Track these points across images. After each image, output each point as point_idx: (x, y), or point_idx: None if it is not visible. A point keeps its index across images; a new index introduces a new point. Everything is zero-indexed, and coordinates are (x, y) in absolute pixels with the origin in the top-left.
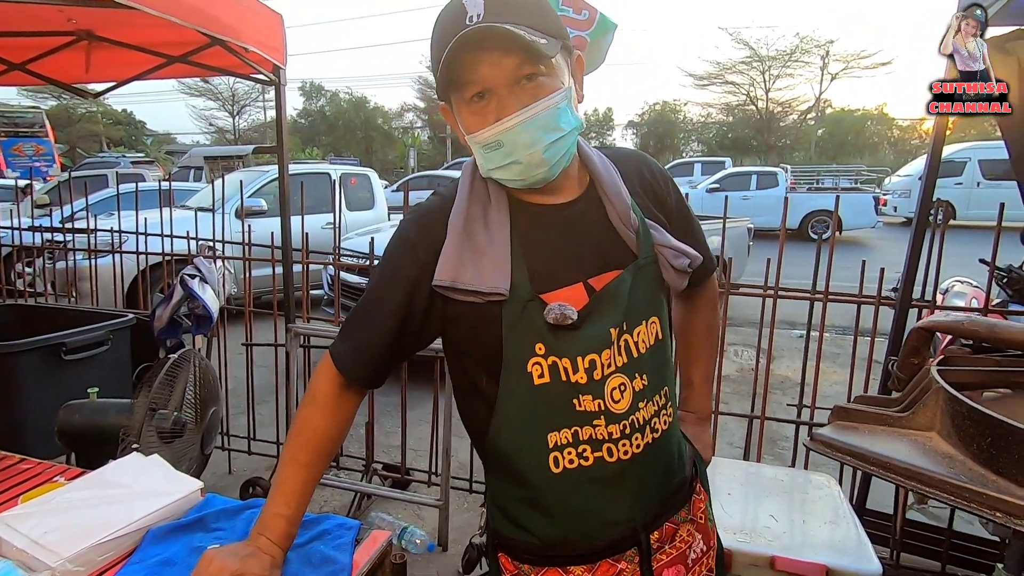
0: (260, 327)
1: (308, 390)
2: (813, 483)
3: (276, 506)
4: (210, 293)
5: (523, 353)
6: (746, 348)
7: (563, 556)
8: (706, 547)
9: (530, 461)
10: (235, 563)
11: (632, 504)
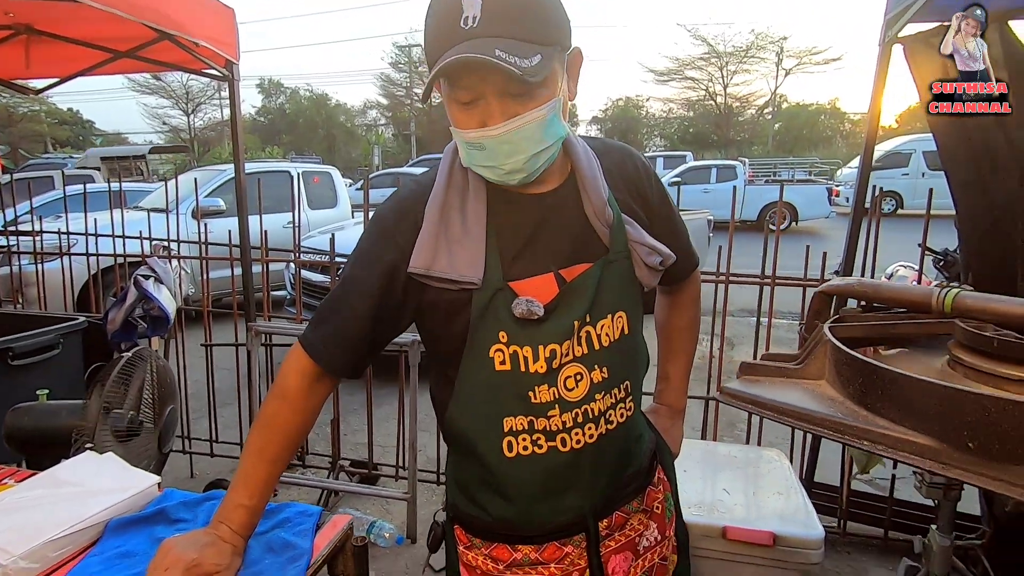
0: (220, 328)
1: (277, 383)
2: (764, 458)
3: (239, 496)
4: (166, 294)
5: (487, 339)
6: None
7: (513, 535)
8: (660, 536)
9: (485, 443)
10: (193, 552)
11: (582, 493)
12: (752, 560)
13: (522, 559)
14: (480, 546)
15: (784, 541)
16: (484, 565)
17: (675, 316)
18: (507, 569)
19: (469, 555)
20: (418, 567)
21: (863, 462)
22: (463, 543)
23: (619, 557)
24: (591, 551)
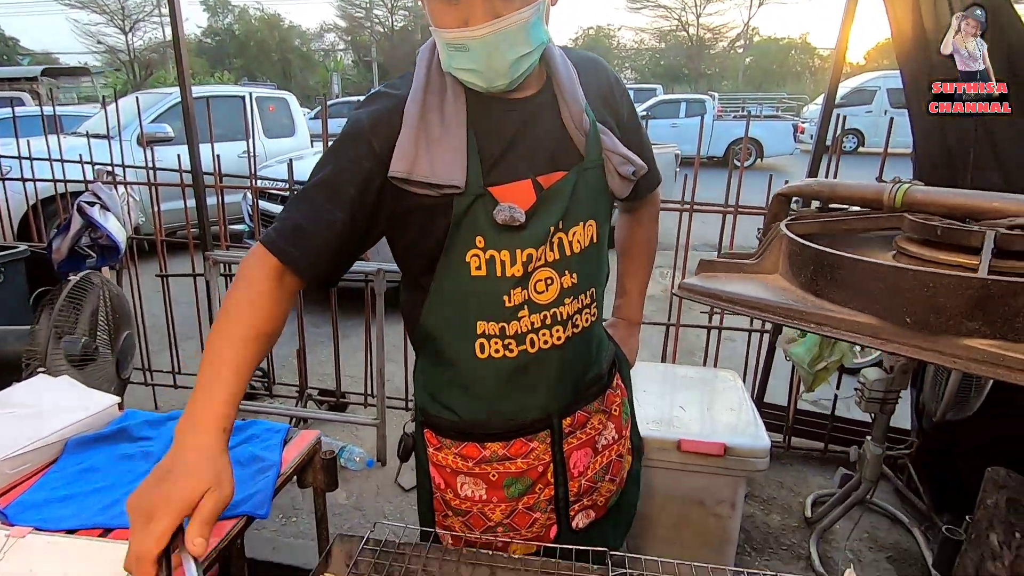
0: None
1: (239, 284)
2: (719, 378)
3: (219, 390)
4: (114, 222)
5: (464, 245)
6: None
7: (482, 433)
8: (618, 436)
9: (457, 345)
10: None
11: (548, 393)
12: (704, 469)
13: (490, 456)
14: (450, 446)
15: (734, 451)
16: (454, 463)
17: (635, 233)
18: (476, 465)
19: (439, 455)
20: (388, 487)
21: (809, 381)
22: (433, 445)
23: (580, 453)
24: (555, 447)
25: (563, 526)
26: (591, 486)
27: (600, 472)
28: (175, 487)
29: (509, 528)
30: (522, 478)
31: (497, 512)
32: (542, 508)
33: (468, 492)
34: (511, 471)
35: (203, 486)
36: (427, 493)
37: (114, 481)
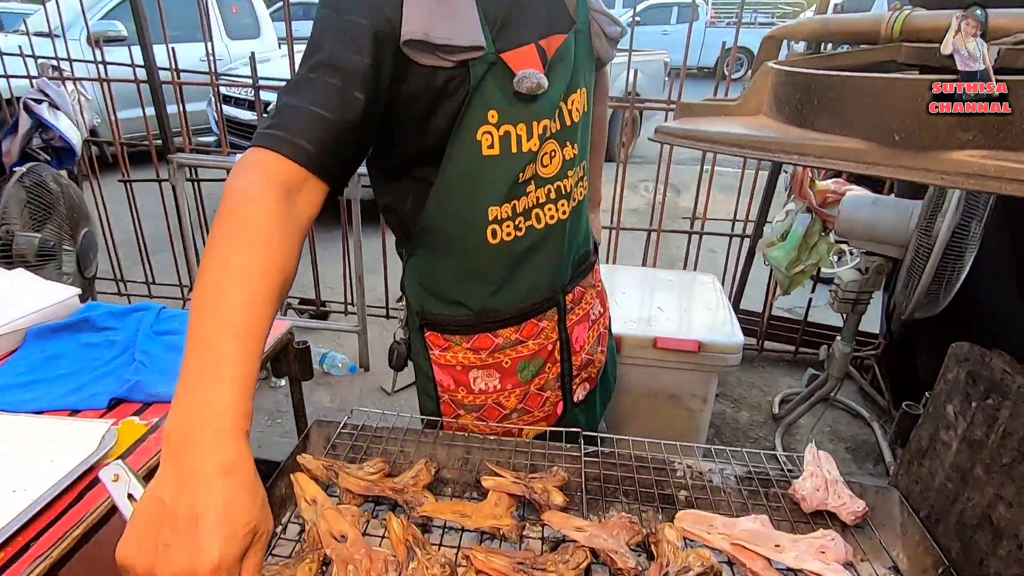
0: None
1: (237, 211)
2: (698, 281)
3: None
4: (65, 121)
5: (475, 121)
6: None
7: (493, 321)
8: (602, 309)
9: (469, 233)
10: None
11: (554, 269)
12: (679, 366)
13: (503, 343)
14: (460, 343)
15: (708, 348)
16: (465, 360)
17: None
18: (489, 356)
19: (446, 356)
20: (372, 391)
21: (786, 285)
22: (438, 347)
23: (580, 328)
24: (560, 324)
25: (567, 401)
26: (588, 359)
27: (594, 344)
28: (217, 544)
29: (523, 412)
30: (534, 359)
31: (512, 398)
32: (551, 386)
33: (482, 385)
34: (523, 354)
35: (251, 532)
36: (432, 400)
37: (80, 367)
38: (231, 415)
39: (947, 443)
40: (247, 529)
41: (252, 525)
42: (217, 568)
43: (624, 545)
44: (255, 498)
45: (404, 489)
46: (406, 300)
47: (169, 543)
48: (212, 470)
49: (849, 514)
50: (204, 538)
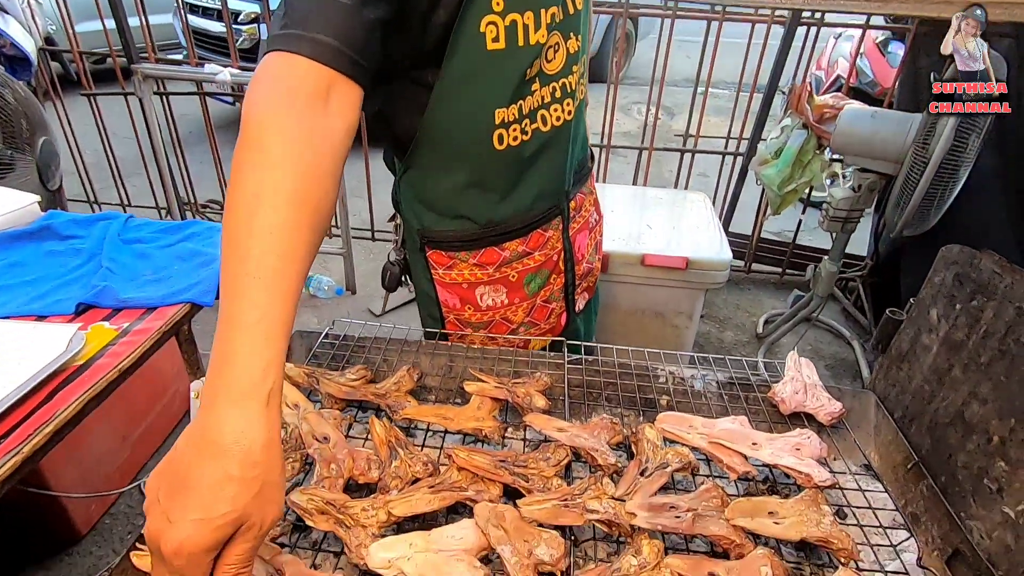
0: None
1: (266, 130)
2: (689, 199)
3: (279, 325)
4: (16, 27)
5: (480, 10)
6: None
7: (500, 234)
8: (598, 216)
9: (474, 140)
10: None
11: (559, 175)
12: (666, 283)
13: (510, 255)
14: (465, 259)
15: (696, 264)
16: (471, 277)
17: None
18: (496, 270)
19: (451, 275)
20: (359, 314)
21: (776, 204)
22: (442, 265)
23: (581, 236)
24: (565, 233)
25: (571, 311)
26: (589, 267)
27: (592, 252)
28: (186, 527)
29: (530, 325)
30: (540, 271)
31: (519, 312)
32: (556, 297)
33: (489, 301)
34: (530, 267)
35: (232, 523)
36: (437, 321)
37: (45, 274)
38: (254, 373)
39: (927, 346)
40: (225, 520)
41: (234, 517)
42: (176, 552)
43: (605, 444)
44: (250, 486)
45: (386, 394)
46: (401, 219)
47: (158, 499)
48: (213, 441)
49: (826, 415)
50: (177, 513)
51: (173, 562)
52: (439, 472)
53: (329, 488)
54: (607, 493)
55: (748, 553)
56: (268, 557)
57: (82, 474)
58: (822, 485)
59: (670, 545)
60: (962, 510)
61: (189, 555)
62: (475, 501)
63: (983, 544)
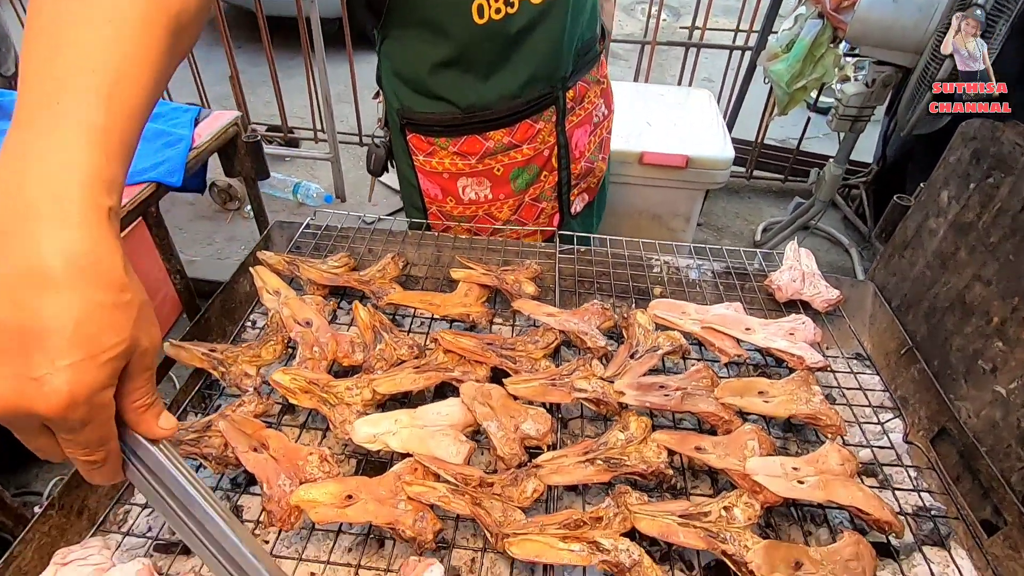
0: None
1: None
2: (693, 96)
3: (103, 121)
4: None
5: None
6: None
7: (484, 121)
8: (607, 111)
9: (450, 8)
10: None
11: (553, 57)
12: (664, 183)
13: (495, 146)
14: (445, 146)
15: (696, 163)
16: (452, 167)
17: None
18: (479, 162)
19: (431, 162)
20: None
21: (784, 103)
22: (422, 151)
23: (580, 131)
24: (559, 127)
25: (564, 213)
26: (589, 167)
27: (595, 151)
28: (64, 375)
29: (517, 224)
30: (528, 167)
31: (504, 209)
32: (547, 197)
33: (472, 195)
34: (517, 161)
35: (121, 355)
36: (419, 211)
37: None
38: (81, 178)
39: (934, 230)
40: (115, 352)
41: (123, 348)
42: (72, 404)
43: (595, 328)
44: (129, 311)
45: (370, 281)
46: (383, 95)
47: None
48: (56, 266)
49: (823, 302)
50: (43, 363)
51: (65, 418)
52: (425, 355)
53: (312, 369)
54: (595, 374)
55: (736, 429)
56: (251, 431)
57: None
58: (814, 367)
59: (658, 425)
60: (952, 392)
61: (83, 402)
62: (461, 381)
63: (970, 423)
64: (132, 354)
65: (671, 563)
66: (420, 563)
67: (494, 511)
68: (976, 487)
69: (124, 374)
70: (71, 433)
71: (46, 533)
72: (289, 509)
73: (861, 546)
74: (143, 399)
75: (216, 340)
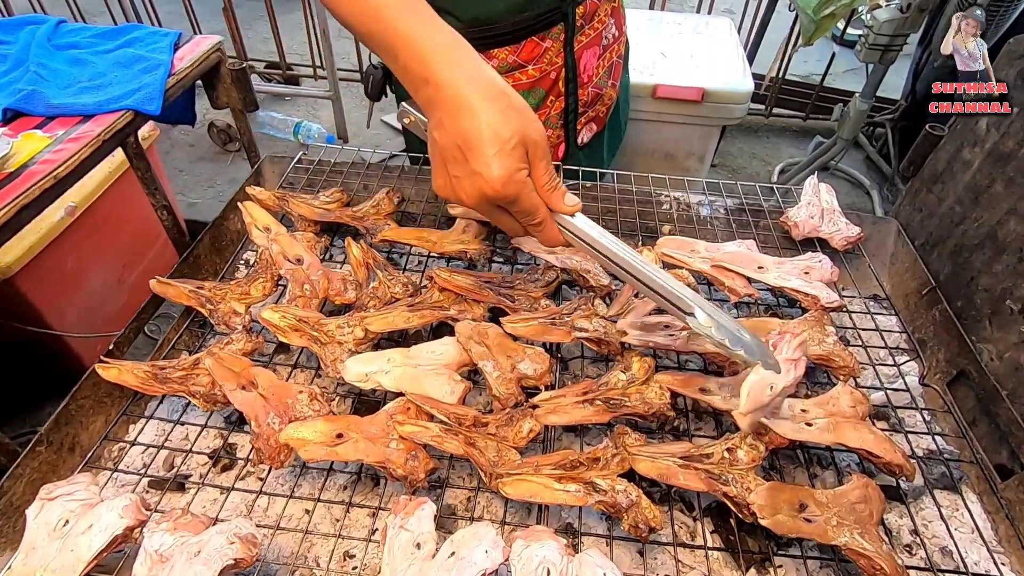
0: None
1: None
2: (712, 25)
3: None
4: None
5: None
6: None
7: (486, 37)
8: (618, 32)
9: None
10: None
11: None
12: (678, 119)
13: (498, 66)
14: None
15: (712, 96)
16: None
17: None
18: None
19: None
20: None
21: (810, 32)
22: None
23: (589, 53)
24: (567, 48)
25: (570, 142)
26: (597, 93)
27: (604, 76)
28: (491, 165)
29: None
30: (534, 90)
31: None
32: (553, 124)
33: None
34: (522, 83)
35: (521, 143)
36: (421, 142)
37: None
38: (464, 41)
39: (968, 162)
40: (515, 141)
41: (519, 135)
42: (505, 182)
43: (598, 267)
44: (512, 112)
45: (364, 216)
46: None
47: (456, 174)
48: (473, 96)
49: (842, 239)
50: (477, 162)
51: (506, 194)
52: (420, 294)
53: (303, 307)
54: (597, 313)
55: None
56: (239, 369)
57: (83, 316)
58: (829, 307)
59: (662, 366)
60: (974, 334)
61: (509, 181)
62: (457, 320)
63: (991, 365)
64: (527, 144)
65: (670, 504)
66: (411, 502)
67: (488, 451)
68: (993, 431)
69: (529, 162)
70: (512, 206)
71: (36, 468)
72: (278, 447)
73: (869, 489)
74: (548, 182)
75: (207, 278)
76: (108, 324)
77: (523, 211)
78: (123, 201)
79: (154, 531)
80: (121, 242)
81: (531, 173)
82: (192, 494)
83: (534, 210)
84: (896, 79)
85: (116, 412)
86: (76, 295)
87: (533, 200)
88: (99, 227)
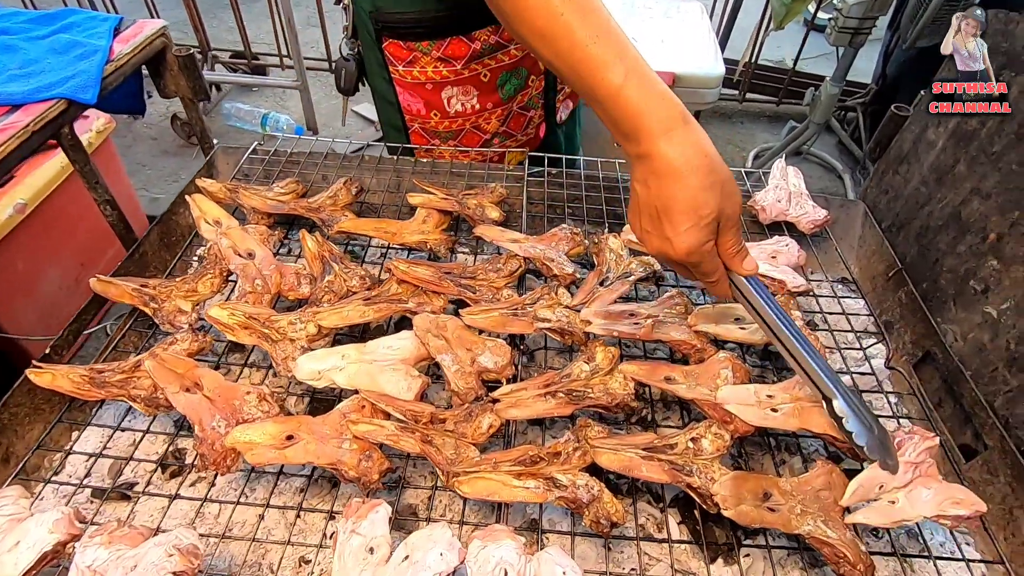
0: None
1: None
2: (683, 10)
3: None
4: None
5: None
6: None
7: (467, 13)
8: None
9: None
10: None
11: None
12: None
13: (481, 48)
14: (428, 50)
15: (684, 81)
16: (435, 75)
17: None
18: (464, 67)
19: (412, 72)
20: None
21: (781, 16)
22: (401, 60)
23: None
24: None
25: (550, 122)
26: None
27: None
28: (683, 236)
29: (505, 136)
30: (517, 70)
31: (493, 120)
32: (535, 104)
33: (458, 106)
34: (505, 63)
35: (715, 219)
36: (400, 132)
37: None
38: (671, 108)
39: (932, 142)
40: (710, 218)
41: (715, 214)
42: (689, 252)
43: (563, 255)
44: (715, 189)
45: (320, 208)
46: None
47: (648, 230)
48: (677, 160)
49: (809, 223)
50: (670, 230)
51: (688, 261)
52: (378, 287)
53: (253, 304)
54: (561, 302)
55: (708, 358)
56: (183, 371)
57: (40, 318)
58: (796, 291)
59: (628, 356)
60: (939, 315)
61: (695, 251)
62: (415, 313)
63: (955, 346)
64: (721, 218)
65: (636, 496)
66: (364, 505)
67: (446, 448)
68: (957, 412)
69: (719, 230)
70: (694, 268)
71: None
72: (224, 452)
73: (834, 475)
74: (732, 247)
75: (155, 275)
76: None
77: (701, 272)
78: (77, 198)
79: (87, 545)
80: (77, 240)
81: (718, 240)
82: (136, 503)
83: (712, 272)
84: (867, 64)
85: (55, 419)
86: (29, 296)
87: (714, 264)
88: (52, 225)
